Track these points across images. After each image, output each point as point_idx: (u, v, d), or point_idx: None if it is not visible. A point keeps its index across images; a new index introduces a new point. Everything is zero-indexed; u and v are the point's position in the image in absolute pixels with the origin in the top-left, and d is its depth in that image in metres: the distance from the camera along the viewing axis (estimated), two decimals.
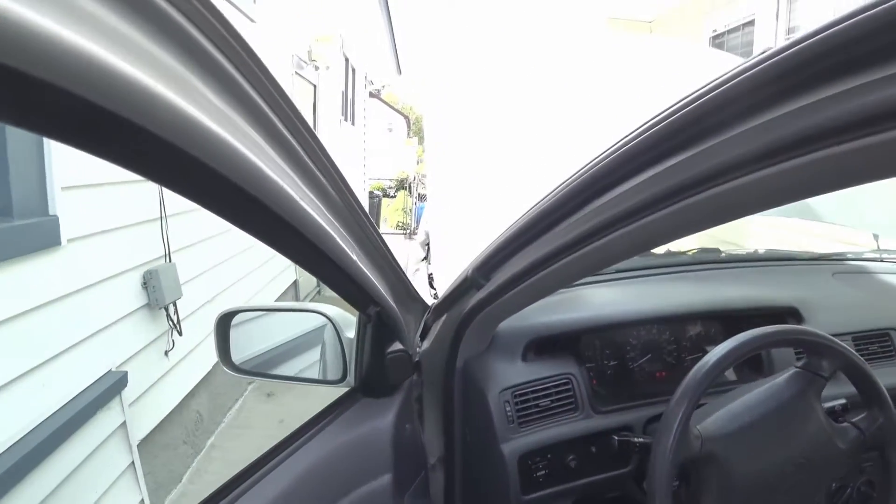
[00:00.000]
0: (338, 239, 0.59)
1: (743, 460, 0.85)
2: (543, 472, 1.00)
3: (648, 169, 0.48)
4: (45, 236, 1.91)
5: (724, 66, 0.45)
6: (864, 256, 1.86)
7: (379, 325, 0.85)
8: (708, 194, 0.44)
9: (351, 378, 0.94)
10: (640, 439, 0.97)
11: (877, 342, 1.31)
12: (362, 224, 0.73)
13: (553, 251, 0.67)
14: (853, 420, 0.94)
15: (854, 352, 0.92)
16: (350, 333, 0.93)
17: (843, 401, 1.00)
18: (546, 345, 1.09)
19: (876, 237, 2.07)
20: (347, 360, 0.94)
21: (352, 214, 0.67)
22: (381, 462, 0.88)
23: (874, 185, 0.38)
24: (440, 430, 1.13)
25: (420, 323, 1.16)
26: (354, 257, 0.64)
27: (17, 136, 1.78)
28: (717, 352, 0.87)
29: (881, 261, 1.84)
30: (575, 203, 0.61)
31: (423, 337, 1.15)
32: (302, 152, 0.50)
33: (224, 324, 1.01)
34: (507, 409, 1.00)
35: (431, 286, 1.42)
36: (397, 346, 0.90)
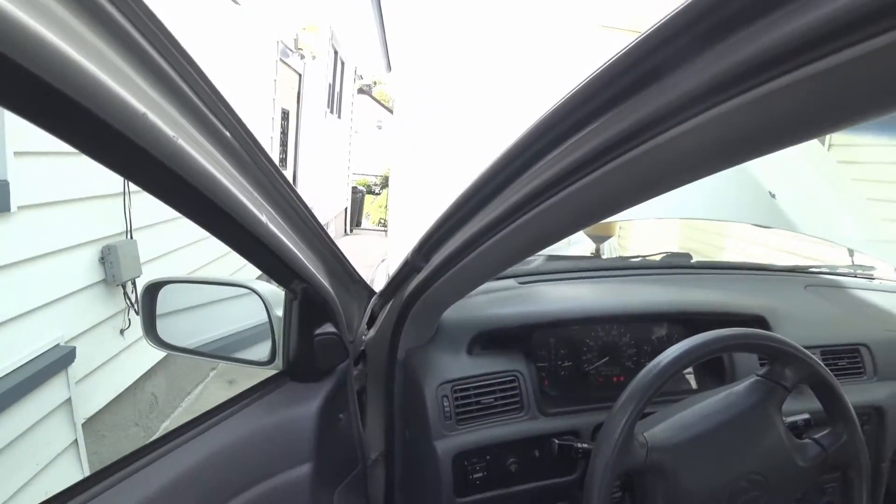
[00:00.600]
0: (240, 196, 0.52)
1: (693, 474, 0.79)
2: (481, 474, 0.94)
3: (576, 133, 0.44)
4: None
5: None
6: (838, 271, 1.83)
7: (306, 303, 0.78)
8: (638, 151, 0.40)
9: (279, 360, 0.87)
10: (584, 445, 0.91)
11: (846, 357, 1.26)
12: (285, 193, 0.66)
13: (488, 224, 0.61)
14: (815, 436, 0.89)
15: (821, 363, 0.87)
16: (278, 311, 0.87)
17: (806, 416, 0.94)
18: (495, 339, 1.03)
19: (851, 252, 2.04)
20: (276, 339, 0.87)
21: (268, 178, 0.61)
22: (302, 450, 0.81)
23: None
24: (382, 424, 1.06)
25: (366, 310, 1.10)
26: (265, 219, 0.57)
27: None
28: (670, 352, 0.81)
29: (855, 276, 1.82)
30: (507, 173, 0.56)
31: (370, 325, 1.09)
32: (194, 97, 0.44)
33: (150, 295, 0.94)
34: (445, 403, 0.93)
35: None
36: (328, 328, 0.83)
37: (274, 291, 0.90)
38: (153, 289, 0.94)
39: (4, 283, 1.88)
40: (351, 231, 11.27)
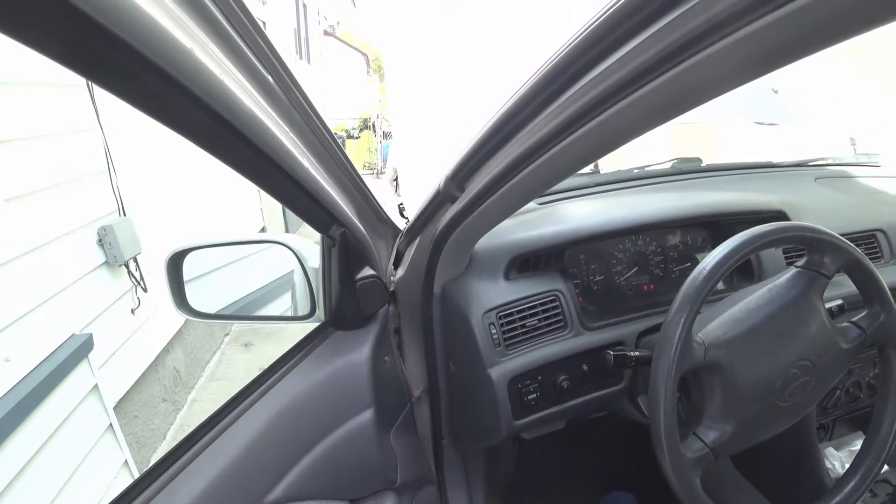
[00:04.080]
0: (285, 142, 0.49)
1: (747, 366, 0.80)
2: (535, 394, 0.95)
3: (615, 53, 0.45)
4: None
5: None
6: (843, 162, 1.84)
7: (345, 248, 0.76)
8: (669, 75, 0.42)
9: (320, 311, 0.86)
10: (637, 353, 0.92)
11: (864, 243, 1.28)
12: (320, 135, 0.63)
13: (531, 148, 0.59)
14: (853, 320, 0.90)
15: (857, 248, 0.87)
16: (316, 263, 0.84)
17: (839, 302, 0.95)
18: (529, 262, 1.02)
19: (853, 142, 2.05)
20: (315, 291, 0.85)
21: (307, 122, 0.57)
22: (362, 397, 0.81)
23: None
24: (422, 362, 1.07)
25: (392, 250, 1.08)
26: (307, 164, 0.54)
27: None
28: (716, 254, 0.80)
29: (859, 165, 1.83)
30: (551, 91, 0.54)
31: (396, 265, 1.07)
32: (238, 39, 0.40)
33: (176, 264, 0.91)
34: (493, 331, 0.93)
35: (402, 215, 1.33)
36: (368, 271, 0.81)
37: (305, 243, 0.87)
38: (177, 258, 0.91)
39: (7, 282, 1.84)
40: None
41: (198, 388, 3.23)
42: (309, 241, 0.89)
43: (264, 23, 5.57)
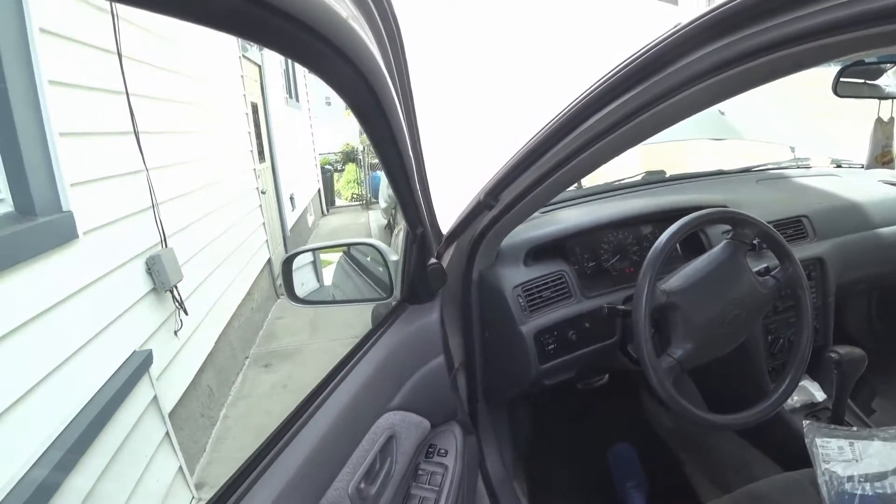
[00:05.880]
0: (415, 167, 0.84)
1: (697, 304, 1.16)
2: (553, 345, 1.30)
3: (615, 100, 0.78)
4: (63, 231, 2.06)
5: None
6: (781, 165, 2.25)
7: (422, 243, 1.11)
8: (658, 108, 0.73)
9: (397, 291, 1.20)
10: (623, 307, 1.28)
11: (792, 227, 1.65)
12: (419, 158, 0.96)
13: (550, 168, 0.95)
14: (771, 273, 1.27)
15: (766, 223, 1.24)
16: (394, 257, 1.19)
17: (765, 265, 1.33)
18: (540, 252, 1.38)
19: (792, 149, 2.47)
20: (393, 278, 1.20)
21: (414, 149, 0.91)
22: (435, 346, 1.15)
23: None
24: (460, 341, 1.40)
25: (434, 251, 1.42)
26: (415, 174, 0.89)
27: (24, 136, 1.91)
28: (667, 232, 1.18)
29: (797, 167, 2.24)
30: (568, 128, 0.89)
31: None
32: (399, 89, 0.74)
33: (288, 264, 1.25)
34: (520, 300, 1.29)
35: None
36: (432, 260, 1.16)
37: (384, 245, 1.22)
38: (289, 259, 1.25)
39: (85, 303, 2.14)
40: (328, 211, 11.43)
41: (227, 405, 3.51)
42: (385, 244, 1.24)
43: (260, 67, 5.95)
